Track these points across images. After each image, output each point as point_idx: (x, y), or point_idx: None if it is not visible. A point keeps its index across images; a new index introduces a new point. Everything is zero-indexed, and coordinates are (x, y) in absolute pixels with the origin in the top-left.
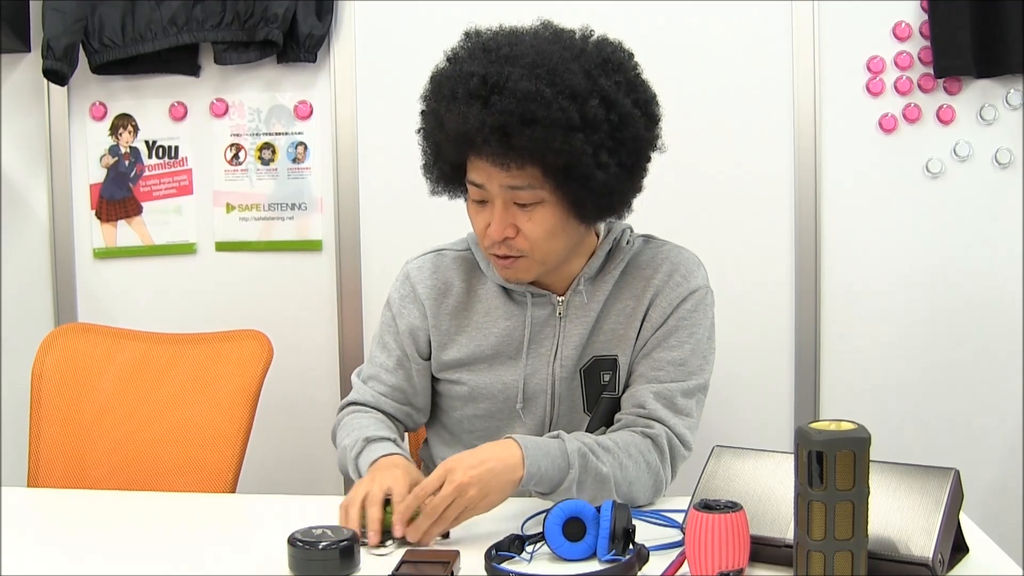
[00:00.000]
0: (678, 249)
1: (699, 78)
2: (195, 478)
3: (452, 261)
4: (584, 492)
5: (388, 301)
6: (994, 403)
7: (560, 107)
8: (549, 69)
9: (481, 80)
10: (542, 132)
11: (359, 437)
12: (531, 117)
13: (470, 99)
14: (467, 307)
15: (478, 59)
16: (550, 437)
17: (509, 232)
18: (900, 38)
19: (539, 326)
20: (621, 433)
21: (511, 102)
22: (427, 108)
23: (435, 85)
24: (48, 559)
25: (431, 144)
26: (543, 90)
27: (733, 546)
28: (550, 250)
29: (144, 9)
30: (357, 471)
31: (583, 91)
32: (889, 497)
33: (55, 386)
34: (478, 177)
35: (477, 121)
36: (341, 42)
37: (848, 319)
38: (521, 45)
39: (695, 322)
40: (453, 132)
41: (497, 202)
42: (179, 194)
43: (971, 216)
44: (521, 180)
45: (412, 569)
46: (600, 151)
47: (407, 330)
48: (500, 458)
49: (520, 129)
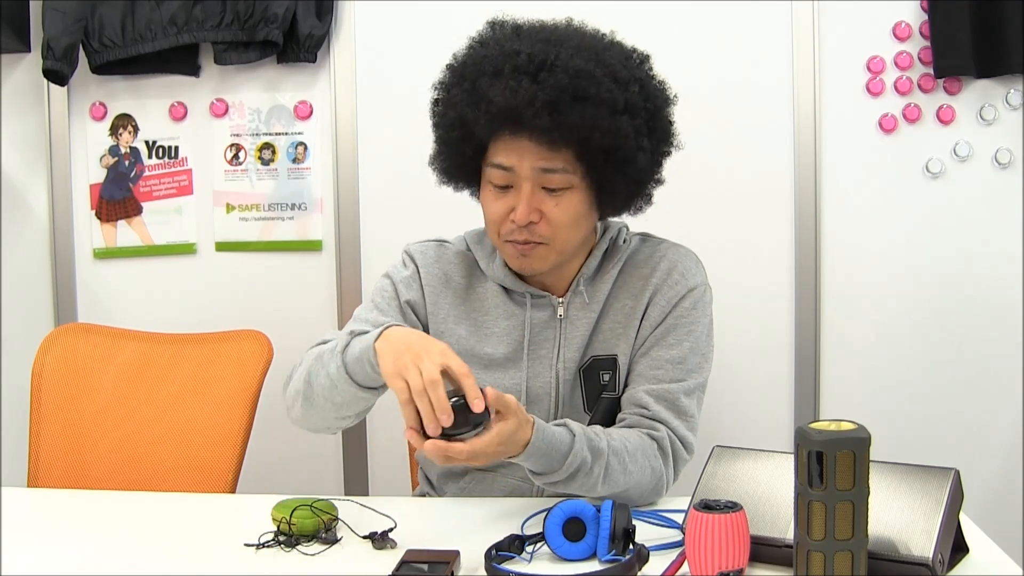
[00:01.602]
0: (676, 247)
1: (699, 78)
2: (195, 478)
3: (454, 255)
4: (582, 482)
5: (389, 274)
6: (994, 403)
7: (608, 88)
8: (593, 52)
9: (528, 57)
10: (592, 110)
11: (339, 338)
12: (582, 94)
13: (518, 74)
14: (466, 303)
15: (518, 40)
16: (558, 423)
17: (534, 217)
18: (900, 38)
19: (539, 328)
20: (629, 433)
21: (563, 78)
22: (451, 91)
23: (468, 65)
24: (48, 559)
25: (452, 128)
26: (593, 69)
27: (733, 546)
28: (570, 239)
29: (144, 9)
30: (343, 366)
31: (624, 76)
32: (889, 497)
33: (55, 386)
34: (508, 159)
35: (528, 95)
36: (341, 42)
37: (848, 319)
38: (557, 32)
39: (694, 320)
40: (499, 106)
41: (525, 185)
42: (179, 194)
43: (971, 216)
44: (556, 163)
45: (412, 569)
46: (640, 135)
47: (408, 303)
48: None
49: (571, 105)
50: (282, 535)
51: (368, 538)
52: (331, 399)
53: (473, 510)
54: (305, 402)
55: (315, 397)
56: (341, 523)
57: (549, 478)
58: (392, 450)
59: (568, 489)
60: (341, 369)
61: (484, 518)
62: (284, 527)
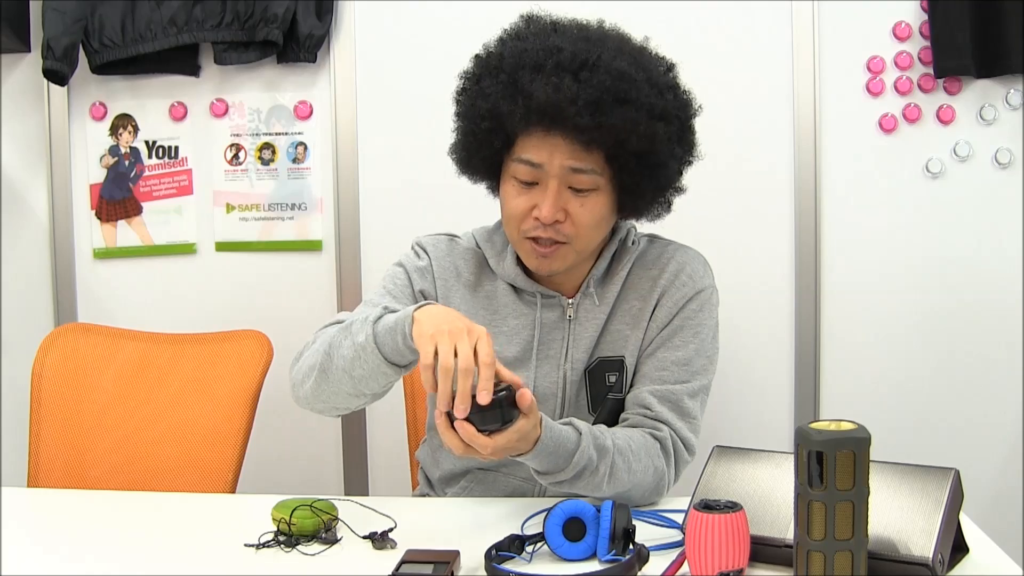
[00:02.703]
0: (683, 248)
1: (699, 78)
2: (195, 478)
3: (464, 251)
4: (588, 481)
5: (402, 262)
6: (994, 403)
7: (647, 93)
8: (633, 56)
9: (571, 55)
10: (632, 113)
11: (369, 312)
12: (624, 97)
13: (560, 71)
14: (476, 300)
15: (557, 36)
16: (564, 422)
17: (560, 216)
18: (900, 38)
19: (548, 328)
20: (633, 433)
21: (607, 79)
22: (483, 81)
23: (505, 56)
24: (48, 559)
25: (482, 119)
26: (635, 73)
27: (733, 546)
28: (591, 240)
29: (144, 9)
30: (373, 336)
31: (661, 83)
32: (889, 497)
33: (55, 386)
34: (538, 156)
35: (571, 93)
36: (341, 42)
37: (848, 319)
38: (592, 31)
39: (700, 322)
40: (540, 102)
41: (553, 183)
42: (179, 194)
43: (971, 216)
44: (586, 163)
45: (412, 569)
46: (673, 143)
47: (421, 292)
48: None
49: (612, 107)
50: (282, 535)
51: (368, 538)
52: (350, 371)
53: (473, 510)
54: (320, 375)
55: (333, 369)
56: (341, 523)
57: (555, 477)
58: (392, 450)
59: (574, 489)
60: (371, 338)
61: (484, 518)
62: (284, 527)
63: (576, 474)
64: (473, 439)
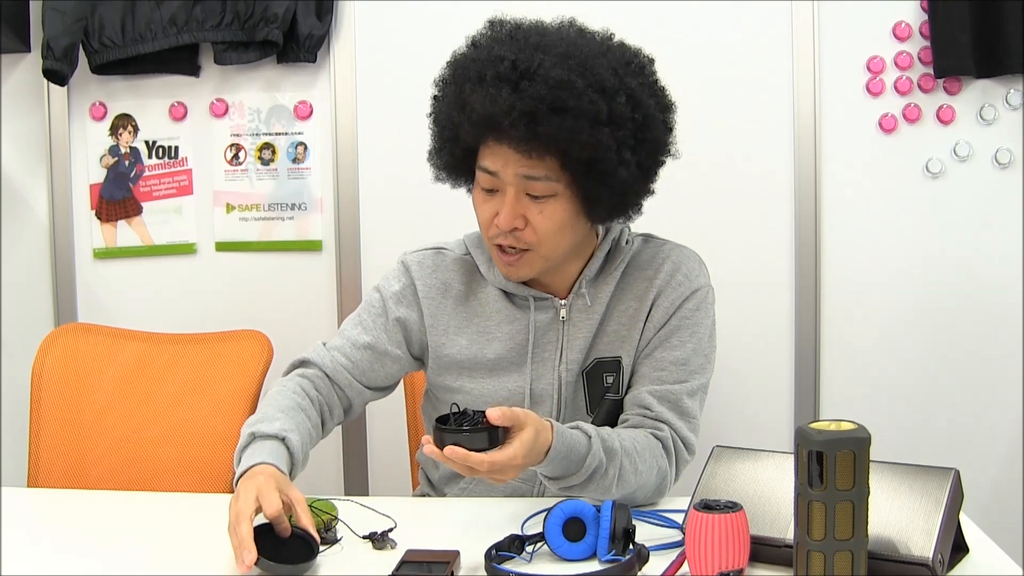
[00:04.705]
0: (679, 248)
1: (699, 78)
2: (195, 478)
3: (452, 262)
4: (598, 483)
5: (379, 287)
6: (994, 403)
7: (590, 99)
8: (580, 61)
9: (511, 65)
10: (571, 122)
11: (252, 424)
12: (561, 105)
13: (499, 82)
14: (467, 310)
15: (507, 44)
16: (570, 427)
17: (518, 223)
18: (900, 38)
19: (542, 330)
20: (636, 433)
21: (542, 88)
22: (444, 90)
23: (457, 67)
24: (48, 559)
25: (444, 128)
26: (575, 80)
27: (733, 546)
28: (556, 246)
29: (144, 9)
30: (236, 463)
31: (611, 87)
32: (889, 497)
33: (55, 386)
34: (493, 164)
35: (506, 104)
36: (341, 42)
37: (848, 319)
38: (550, 36)
39: (697, 321)
40: (479, 114)
41: (509, 191)
42: (179, 194)
43: (971, 216)
44: (539, 170)
45: (412, 569)
46: (623, 148)
47: (396, 320)
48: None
49: (549, 117)
50: None
51: (368, 538)
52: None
53: (473, 510)
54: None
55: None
56: (341, 523)
57: (567, 482)
58: (392, 450)
59: (584, 492)
60: (235, 463)
61: (484, 518)
62: None
63: (588, 477)
64: (467, 458)
